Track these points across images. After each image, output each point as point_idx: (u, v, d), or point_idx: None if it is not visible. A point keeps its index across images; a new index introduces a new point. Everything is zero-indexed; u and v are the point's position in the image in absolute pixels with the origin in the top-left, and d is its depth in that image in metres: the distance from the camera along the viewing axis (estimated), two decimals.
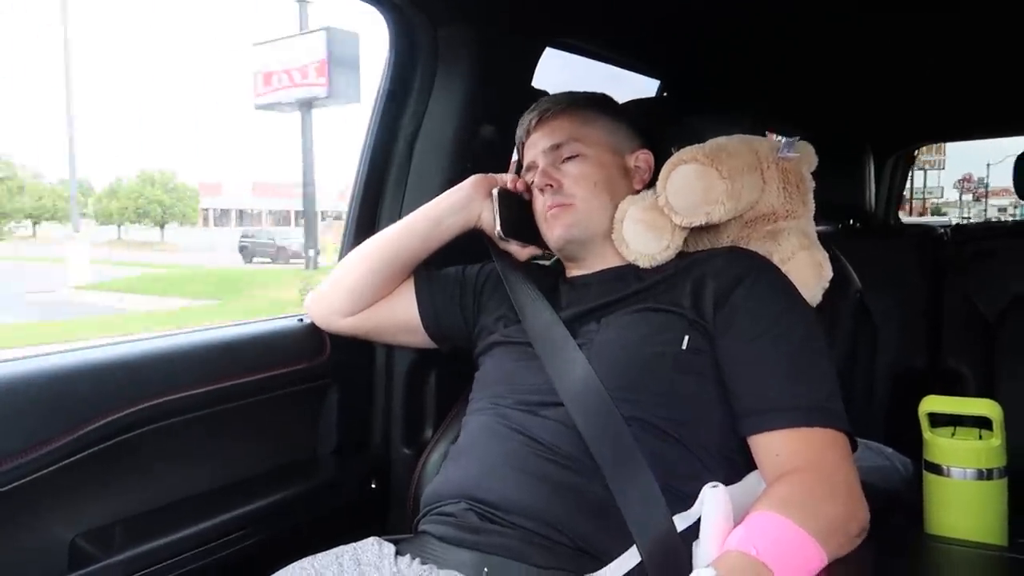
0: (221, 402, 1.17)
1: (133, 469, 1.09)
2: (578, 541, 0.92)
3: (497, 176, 1.25)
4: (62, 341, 7.42)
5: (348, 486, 1.37)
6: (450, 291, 1.27)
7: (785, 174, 1.14)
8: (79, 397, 1.01)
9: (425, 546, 1.00)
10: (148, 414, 1.07)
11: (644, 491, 0.90)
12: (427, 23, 1.37)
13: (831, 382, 0.96)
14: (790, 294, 1.05)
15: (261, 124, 70.87)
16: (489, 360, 1.17)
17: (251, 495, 1.19)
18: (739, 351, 0.99)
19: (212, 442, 1.20)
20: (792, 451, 0.91)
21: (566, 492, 0.95)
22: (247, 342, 1.26)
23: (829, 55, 1.98)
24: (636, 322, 1.05)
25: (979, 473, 1.03)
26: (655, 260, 1.11)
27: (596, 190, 1.14)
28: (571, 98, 1.21)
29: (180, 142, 56.69)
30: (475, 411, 1.12)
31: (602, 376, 0.99)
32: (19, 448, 0.93)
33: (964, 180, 21.21)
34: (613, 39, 1.74)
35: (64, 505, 1.02)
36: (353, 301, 1.27)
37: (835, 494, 0.87)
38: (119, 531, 1.05)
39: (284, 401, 1.28)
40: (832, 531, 0.82)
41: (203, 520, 1.11)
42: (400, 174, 1.43)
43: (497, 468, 1.00)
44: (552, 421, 1.01)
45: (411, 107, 1.42)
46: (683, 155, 1.09)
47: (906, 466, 1.20)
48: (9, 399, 0.96)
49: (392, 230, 1.28)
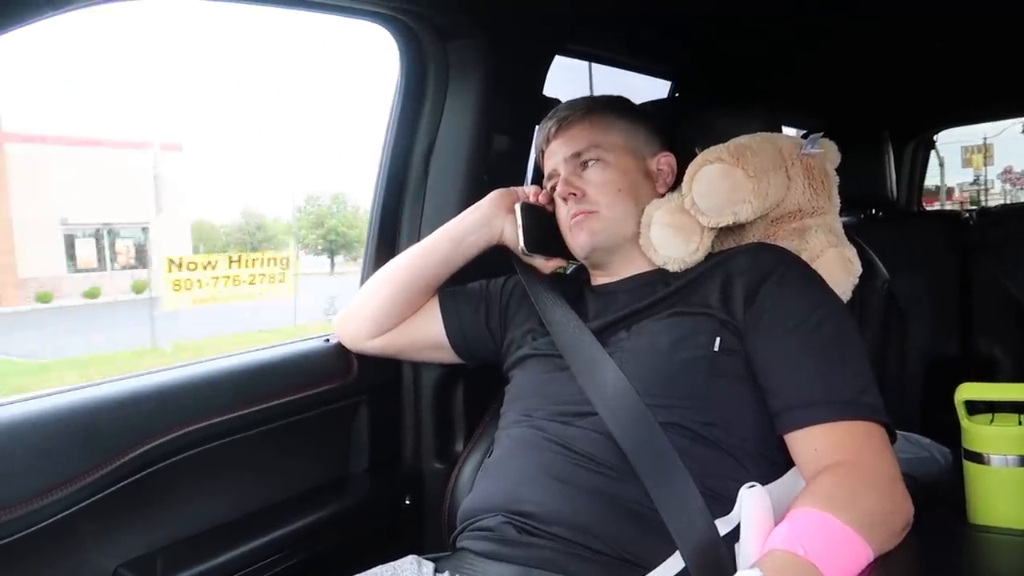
0: (253, 426, 1.18)
1: (170, 497, 1.10)
2: (619, 550, 0.91)
3: (518, 190, 1.25)
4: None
5: (382, 503, 1.37)
6: (475, 307, 1.27)
7: (809, 171, 1.14)
8: (114, 428, 1.03)
9: (464, 562, 1.00)
10: (182, 441, 1.08)
11: (685, 497, 0.89)
12: (436, 38, 1.38)
13: (866, 374, 0.95)
14: (820, 287, 1.04)
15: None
16: (520, 374, 1.17)
17: (287, 517, 1.20)
18: (771, 347, 0.98)
19: (246, 466, 1.21)
20: (830, 445, 0.90)
21: (605, 500, 0.94)
22: (275, 365, 1.27)
23: (840, 40, 1.96)
24: (667, 328, 1.04)
25: (1021, 459, 1.02)
26: (685, 263, 1.10)
27: (620, 196, 1.13)
28: (589, 104, 1.20)
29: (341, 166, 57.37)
30: (508, 425, 1.12)
31: (635, 384, 0.99)
32: (56, 483, 0.95)
33: (1006, 172, 22.28)
34: (623, 43, 1.74)
35: (106, 535, 1.03)
36: (378, 323, 1.27)
37: (878, 487, 0.86)
38: (161, 559, 1.06)
39: (314, 422, 1.29)
40: (877, 525, 0.81)
41: (241, 545, 1.12)
42: (417, 190, 1.44)
43: (534, 479, 1.00)
44: (588, 430, 1.00)
45: (424, 123, 1.43)
46: (708, 155, 1.09)
47: (945, 456, 1.18)
48: (45, 434, 0.97)
49: (414, 251, 1.28)
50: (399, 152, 1.43)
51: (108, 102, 41.43)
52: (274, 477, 1.25)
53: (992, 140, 20.23)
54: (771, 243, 1.12)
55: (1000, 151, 21.52)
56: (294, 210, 30.62)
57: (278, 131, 51.37)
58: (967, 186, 22.50)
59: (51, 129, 24.96)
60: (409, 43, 1.38)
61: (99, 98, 40.85)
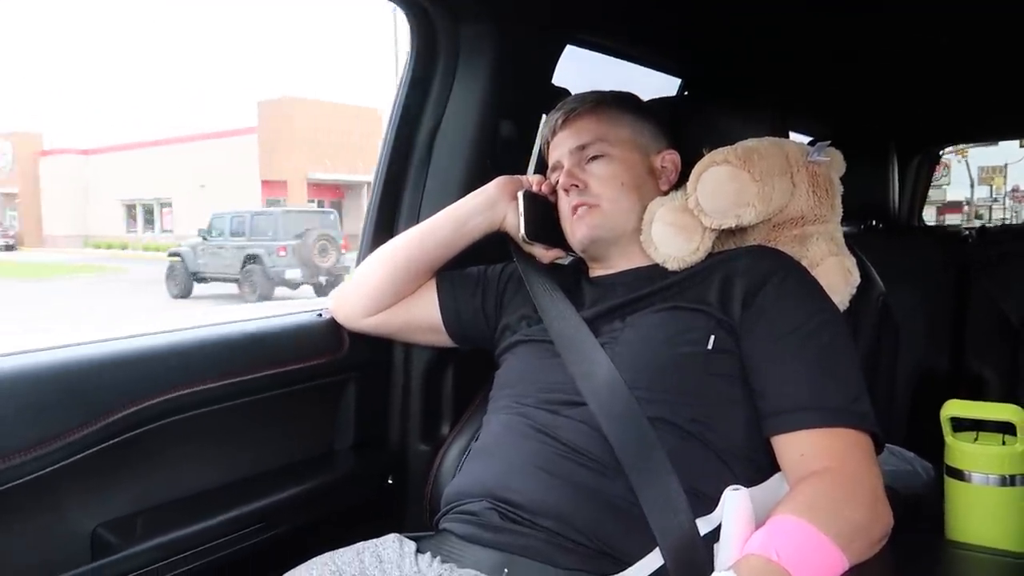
0: (241, 395, 1.18)
1: (155, 460, 1.10)
2: (600, 543, 0.92)
3: (522, 178, 1.25)
4: None
5: (365, 481, 1.37)
6: (472, 292, 1.27)
7: (814, 178, 1.14)
8: (101, 388, 1.03)
9: (446, 544, 1.01)
10: (169, 407, 1.08)
11: (667, 494, 0.90)
12: (449, 20, 1.37)
13: (858, 384, 0.96)
14: (818, 294, 1.04)
15: None
16: (511, 359, 1.17)
17: (269, 489, 1.20)
18: (765, 350, 0.98)
19: (232, 435, 1.21)
20: (817, 452, 0.90)
21: (589, 493, 0.95)
22: (267, 336, 1.27)
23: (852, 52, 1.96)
24: (662, 321, 1.04)
25: (1002, 479, 1.02)
26: (684, 262, 1.10)
27: (623, 190, 1.13)
28: (597, 97, 1.20)
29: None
30: (497, 410, 1.12)
31: (626, 376, 0.99)
32: (42, 438, 0.95)
33: (1014, 191, 26.04)
34: (634, 37, 1.73)
35: (86, 495, 1.04)
36: (374, 302, 1.27)
37: (858, 498, 0.86)
38: (141, 521, 1.06)
39: (303, 395, 1.29)
40: (854, 535, 0.82)
41: (222, 512, 1.12)
42: (420, 171, 1.43)
43: (520, 468, 1.00)
44: (575, 421, 1.00)
45: (431, 104, 1.42)
46: (715, 156, 1.09)
47: (927, 471, 1.19)
48: (32, 390, 0.97)
49: (414, 232, 1.28)
50: (404, 132, 1.43)
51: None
52: (259, 448, 1.25)
53: (1012, 164, 23.49)
54: (773, 247, 1.12)
55: (1013, 173, 24.68)
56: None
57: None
58: (983, 200, 25.70)
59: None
60: (421, 23, 1.38)
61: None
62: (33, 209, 28.89)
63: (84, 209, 28.53)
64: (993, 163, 23.73)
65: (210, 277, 13.21)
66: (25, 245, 27.60)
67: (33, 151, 29.61)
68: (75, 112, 61.38)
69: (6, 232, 27.99)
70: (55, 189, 28.54)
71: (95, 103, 63.62)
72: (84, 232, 28.05)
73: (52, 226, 28.78)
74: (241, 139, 24.45)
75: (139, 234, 27.25)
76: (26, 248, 27.07)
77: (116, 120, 50.10)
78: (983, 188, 25.05)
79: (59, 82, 73.81)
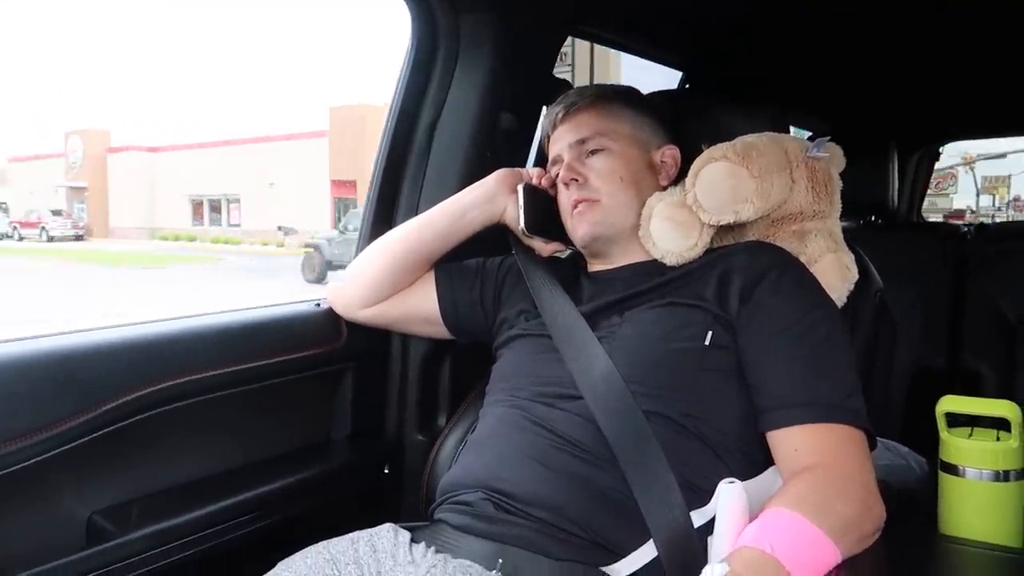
0: (238, 384, 1.18)
1: (150, 448, 1.10)
2: (594, 534, 0.92)
3: (522, 171, 1.25)
4: None
5: (361, 471, 1.37)
6: (470, 284, 1.26)
7: (813, 174, 1.13)
8: (98, 376, 1.03)
9: (440, 534, 1.01)
10: (166, 394, 1.08)
11: (662, 486, 0.90)
12: (449, 10, 1.37)
13: (853, 380, 0.96)
14: (815, 290, 1.04)
15: None
16: (509, 352, 1.17)
17: (266, 478, 1.20)
18: (761, 345, 0.98)
19: (228, 424, 1.21)
20: (810, 447, 0.91)
21: (583, 485, 0.95)
22: (265, 326, 1.27)
23: (853, 48, 1.95)
24: (659, 316, 1.04)
25: (996, 475, 1.02)
26: (682, 258, 1.10)
27: (622, 185, 1.13)
28: (598, 91, 1.20)
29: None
30: (494, 402, 1.12)
31: (623, 370, 0.99)
32: (37, 426, 0.95)
33: (1015, 200, 26.20)
34: (635, 29, 1.73)
35: (82, 482, 1.04)
36: (373, 293, 1.27)
37: (851, 492, 0.87)
38: (136, 509, 1.06)
39: (300, 385, 1.29)
40: (847, 529, 0.82)
41: (218, 500, 1.12)
42: (419, 162, 1.43)
43: (515, 459, 1.00)
44: (571, 414, 1.01)
45: (431, 95, 1.42)
46: (713, 152, 1.09)
47: (921, 465, 1.19)
48: (27, 377, 0.97)
49: (414, 223, 1.28)
50: (403, 123, 1.42)
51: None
52: (255, 437, 1.25)
53: (1016, 176, 24.14)
54: (771, 243, 1.12)
55: (1017, 183, 25.13)
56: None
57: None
58: (986, 209, 26.19)
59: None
60: (421, 13, 1.37)
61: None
62: (101, 202, 31.12)
63: (149, 203, 30.74)
64: (998, 173, 24.20)
65: (345, 265, 15.19)
66: (93, 236, 29.41)
67: (102, 148, 31.64)
68: (142, 112, 63.87)
69: (76, 223, 29.44)
70: (122, 184, 30.66)
71: (162, 105, 66.31)
72: (148, 225, 30.12)
73: (118, 219, 30.98)
74: (310, 142, 26.10)
75: (205, 227, 29.37)
76: (94, 239, 28.91)
77: (181, 121, 52.24)
78: (987, 197, 25.61)
79: (129, 84, 75.87)
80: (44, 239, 27.40)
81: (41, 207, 29.63)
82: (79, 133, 32.21)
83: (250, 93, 64.80)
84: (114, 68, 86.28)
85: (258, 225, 26.69)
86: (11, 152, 43.28)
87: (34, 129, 71.48)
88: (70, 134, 32.32)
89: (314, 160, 25.25)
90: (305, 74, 56.61)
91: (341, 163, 24.59)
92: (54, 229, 28.07)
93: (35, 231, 27.96)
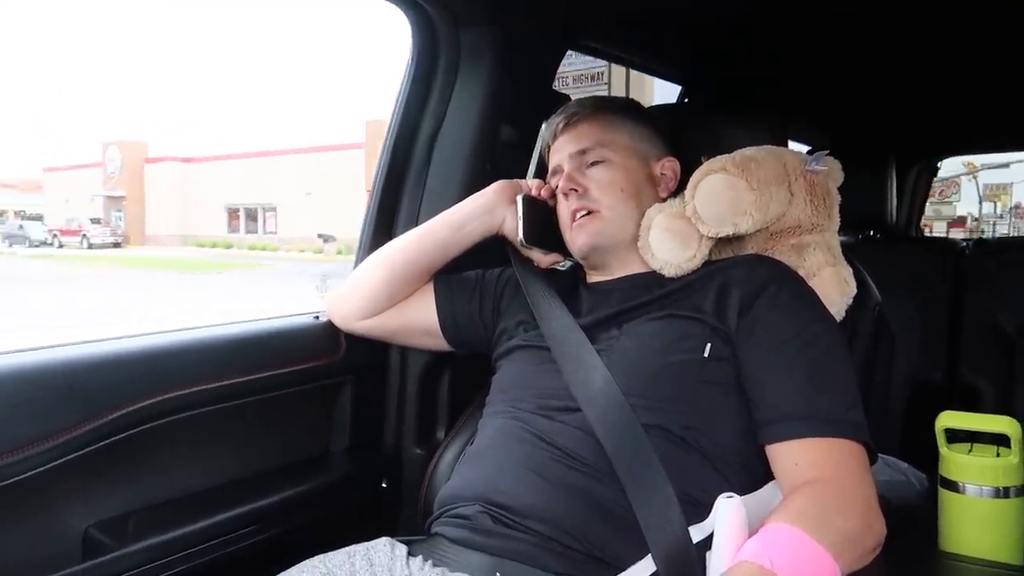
0: (236, 397, 1.18)
1: (148, 461, 1.10)
2: (592, 548, 0.92)
3: (521, 182, 1.25)
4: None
5: (360, 484, 1.37)
6: (469, 296, 1.26)
7: (812, 187, 1.14)
8: (96, 388, 1.02)
9: (437, 548, 1.00)
10: (164, 407, 1.08)
11: (661, 500, 0.90)
12: (450, 23, 1.37)
13: (852, 394, 0.96)
14: (814, 304, 1.04)
15: None
16: (508, 364, 1.17)
17: (263, 491, 1.20)
18: (761, 359, 0.98)
19: (226, 437, 1.21)
20: (810, 461, 0.91)
21: (582, 498, 0.95)
22: (263, 338, 1.27)
23: (852, 63, 1.96)
24: (658, 329, 1.04)
25: (996, 491, 1.02)
26: (681, 269, 1.10)
27: (622, 196, 1.13)
28: (598, 103, 1.20)
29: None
30: (492, 414, 1.12)
31: (621, 383, 0.99)
32: (36, 437, 0.94)
33: (1016, 207, 27.39)
34: (635, 43, 1.74)
35: (79, 494, 1.03)
36: (371, 304, 1.27)
37: (851, 507, 0.86)
38: (133, 522, 1.06)
39: (298, 398, 1.29)
40: (847, 545, 0.82)
41: (216, 514, 1.12)
42: (419, 174, 1.43)
43: (513, 472, 1.00)
44: (570, 427, 1.00)
45: (432, 107, 1.42)
46: (712, 165, 1.09)
47: (921, 481, 1.19)
48: (27, 388, 0.97)
49: (413, 234, 1.28)
50: (404, 134, 1.43)
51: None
52: (254, 449, 1.25)
53: (1017, 184, 25.23)
54: (770, 256, 1.12)
55: (1019, 191, 26.41)
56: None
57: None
58: (988, 216, 27.34)
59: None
60: (423, 26, 1.38)
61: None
62: (137, 211, 32.52)
63: (184, 212, 31.91)
64: (999, 181, 25.01)
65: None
66: (130, 243, 31.19)
67: (139, 158, 33.12)
68: (178, 125, 65.63)
69: (115, 231, 31.15)
70: (158, 193, 32.10)
71: (197, 118, 68.13)
72: (183, 232, 31.42)
73: (154, 226, 32.29)
74: (346, 153, 26.85)
75: (241, 235, 31.15)
76: (131, 246, 30.60)
77: (216, 133, 53.89)
78: (988, 205, 26.29)
79: (165, 98, 77.68)
80: (85, 246, 28.56)
81: (80, 215, 31.12)
82: (117, 144, 33.42)
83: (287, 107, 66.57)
84: (151, 82, 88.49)
85: (294, 232, 27.93)
86: (45, 162, 45.13)
87: (67, 140, 73.12)
88: (108, 145, 33.55)
89: (350, 170, 25.66)
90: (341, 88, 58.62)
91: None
92: (95, 237, 29.43)
93: (75, 239, 29.06)
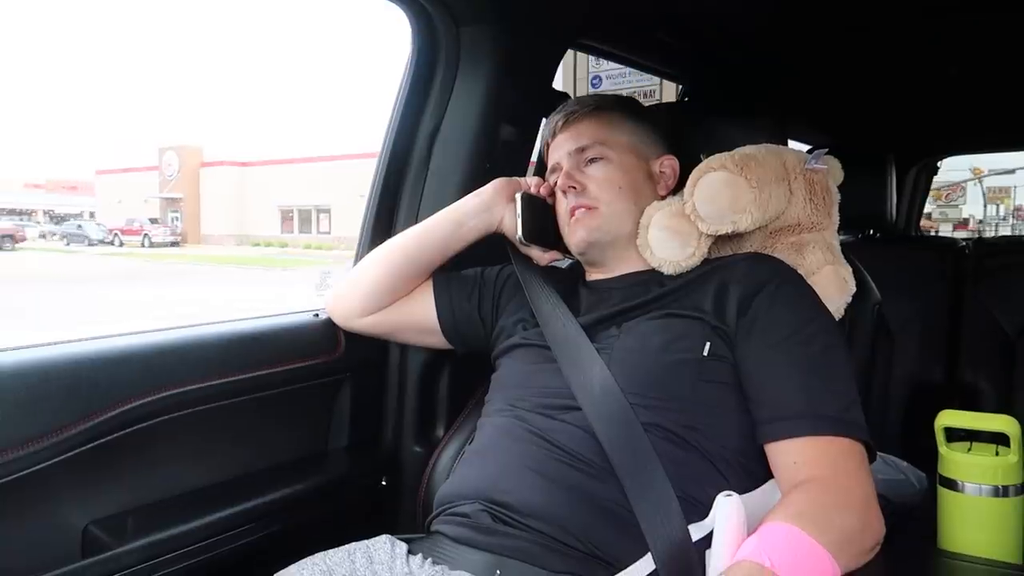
0: (235, 395, 1.18)
1: (147, 458, 1.10)
2: (591, 547, 0.92)
3: (520, 180, 1.25)
4: None
5: (359, 482, 1.37)
6: (468, 293, 1.26)
7: (811, 186, 1.14)
8: (95, 385, 1.02)
9: (437, 546, 1.00)
10: (163, 404, 1.08)
11: (661, 499, 0.90)
12: (450, 22, 1.37)
13: (851, 392, 0.96)
14: (813, 302, 1.04)
15: None
16: (507, 362, 1.17)
17: (263, 488, 1.20)
18: (760, 357, 0.98)
19: (225, 434, 1.21)
20: (809, 459, 0.90)
21: (582, 497, 0.95)
22: (262, 336, 1.27)
23: (852, 63, 1.96)
24: (657, 328, 1.04)
25: (995, 490, 1.02)
26: (680, 267, 1.10)
27: (620, 194, 1.13)
28: (597, 101, 1.20)
29: None
30: (492, 413, 1.12)
31: (621, 382, 0.99)
32: (35, 435, 0.94)
33: (1017, 210, 27.62)
34: (635, 42, 1.73)
35: (78, 492, 1.03)
36: (370, 302, 1.27)
37: (850, 506, 0.86)
38: (132, 519, 1.06)
39: (297, 396, 1.29)
40: (846, 543, 0.82)
41: (215, 511, 1.12)
42: (419, 172, 1.43)
43: (513, 470, 1.00)
44: (570, 425, 1.00)
45: (431, 106, 1.42)
46: (712, 163, 1.09)
47: (920, 480, 1.19)
48: (27, 386, 0.97)
49: (412, 232, 1.28)
50: (404, 132, 1.43)
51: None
52: (253, 447, 1.25)
53: (1020, 187, 25.66)
54: (769, 255, 1.12)
55: (1020, 193, 26.78)
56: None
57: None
58: (992, 218, 27.65)
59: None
60: (423, 24, 1.38)
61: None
62: (193, 212, 34.32)
63: (239, 213, 33.55)
64: (1003, 184, 25.25)
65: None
66: (187, 243, 32.85)
67: (195, 162, 34.82)
68: (233, 131, 68.03)
69: (173, 231, 33.07)
70: (213, 195, 33.83)
71: (252, 124, 72.12)
72: (238, 232, 33.13)
73: (209, 227, 34.00)
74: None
75: (295, 235, 32.59)
76: (188, 245, 32.41)
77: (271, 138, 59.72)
78: (991, 207, 26.52)
79: (221, 104, 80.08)
80: (146, 245, 30.40)
81: (140, 216, 33.25)
82: (174, 149, 35.14)
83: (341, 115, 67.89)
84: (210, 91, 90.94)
85: (347, 232, 29.09)
86: (98, 165, 47.13)
87: (118, 144, 75.34)
88: (165, 149, 35.33)
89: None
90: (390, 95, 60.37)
91: None
92: (155, 236, 31.39)
93: (137, 237, 30.92)
